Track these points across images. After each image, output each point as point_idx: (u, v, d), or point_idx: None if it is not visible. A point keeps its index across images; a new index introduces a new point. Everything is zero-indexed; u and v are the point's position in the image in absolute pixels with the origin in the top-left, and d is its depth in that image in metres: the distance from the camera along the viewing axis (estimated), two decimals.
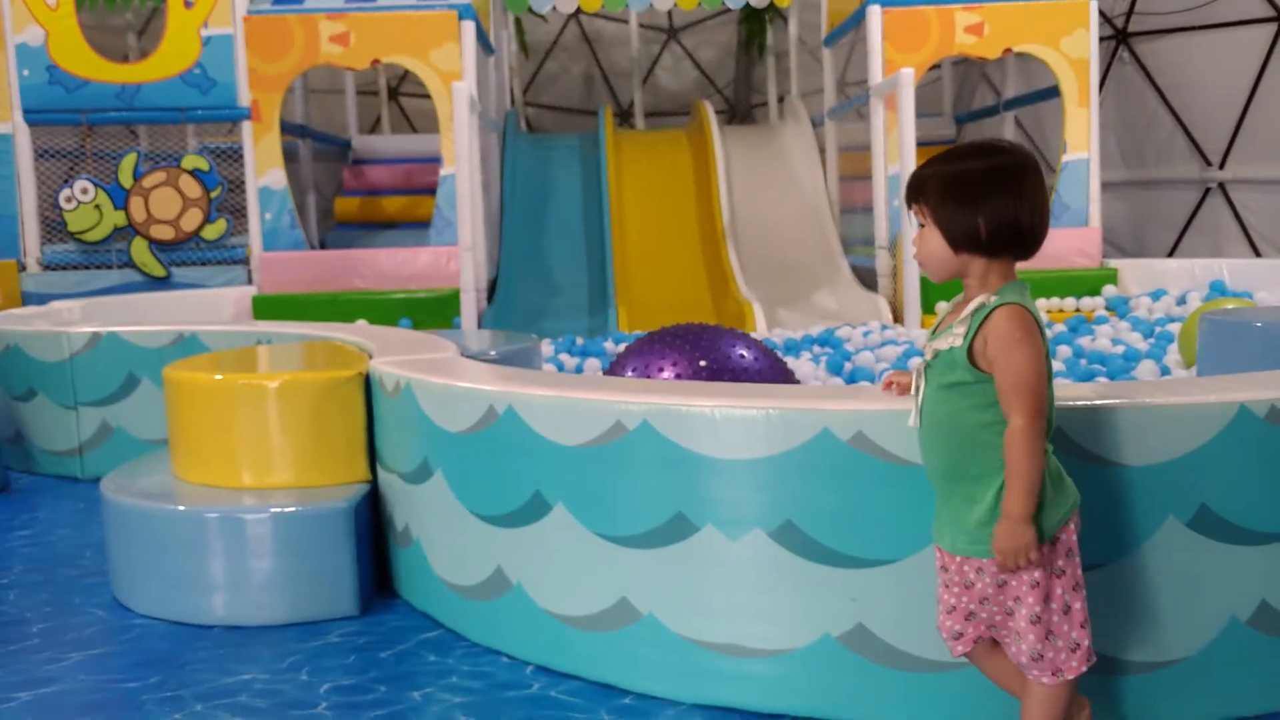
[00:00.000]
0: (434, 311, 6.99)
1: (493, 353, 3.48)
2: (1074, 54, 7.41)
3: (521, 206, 8.72)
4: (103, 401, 4.14)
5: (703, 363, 2.41)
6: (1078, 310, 6.99)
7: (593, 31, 12.96)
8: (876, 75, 7.30)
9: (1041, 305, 6.88)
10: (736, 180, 8.40)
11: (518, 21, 11.59)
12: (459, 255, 6.81)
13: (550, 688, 2.14)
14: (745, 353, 2.57)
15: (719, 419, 1.94)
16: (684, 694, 2.04)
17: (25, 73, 7.09)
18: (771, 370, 2.60)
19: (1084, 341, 5.41)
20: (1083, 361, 4.98)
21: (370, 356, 3.02)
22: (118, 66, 7.29)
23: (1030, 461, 1.57)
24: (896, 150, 6.85)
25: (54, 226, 7.27)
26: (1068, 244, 7.30)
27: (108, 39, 9.05)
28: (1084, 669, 1.63)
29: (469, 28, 7.19)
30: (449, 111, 7.06)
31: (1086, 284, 7.22)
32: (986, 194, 1.62)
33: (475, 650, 2.37)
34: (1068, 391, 1.89)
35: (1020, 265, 1.69)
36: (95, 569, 3.02)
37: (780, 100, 10.90)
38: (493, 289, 7.79)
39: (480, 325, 6.95)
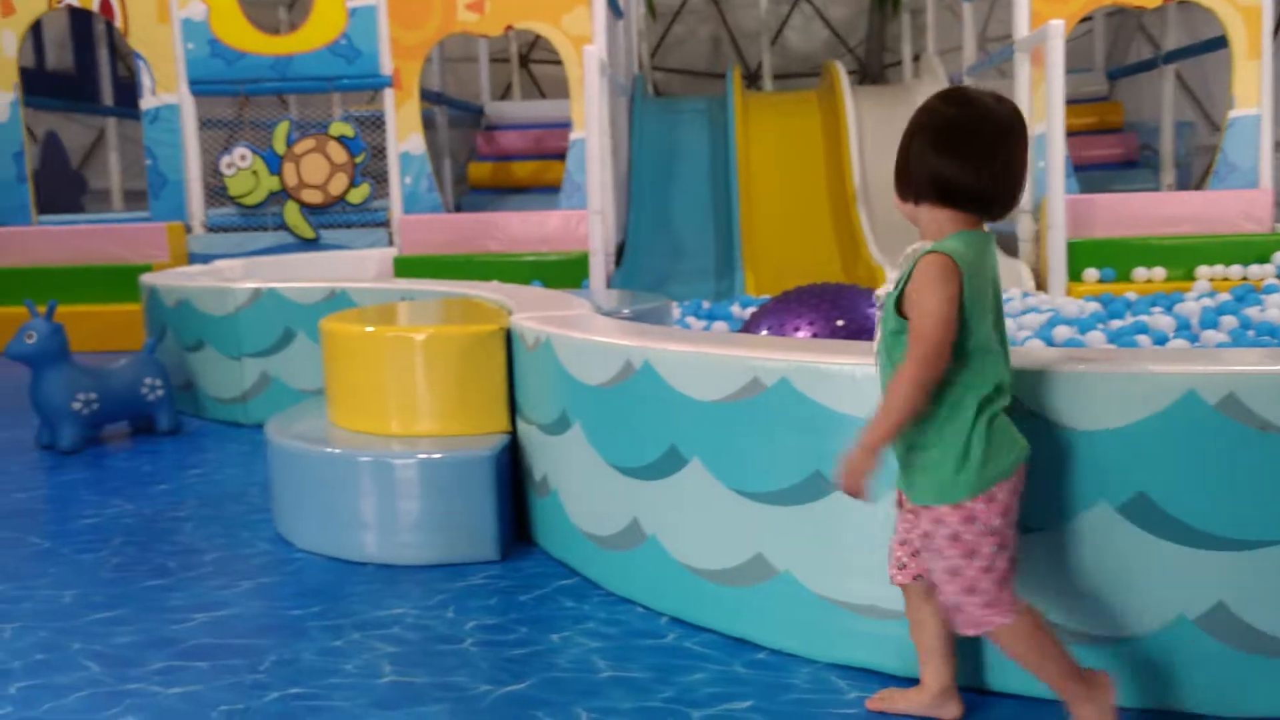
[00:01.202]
0: (563, 274, 7.12)
1: (626, 311, 3.55)
2: (1244, 0, 6.93)
3: (649, 170, 8.77)
4: (263, 353, 4.41)
5: (840, 322, 2.41)
6: (1244, 279, 6.50)
7: None
8: (1022, 29, 7.00)
9: (1204, 273, 6.47)
10: (868, 142, 8.22)
11: None
12: (588, 219, 6.91)
13: (685, 639, 2.20)
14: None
15: (860, 378, 1.95)
16: (819, 652, 2.06)
17: (190, 46, 7.51)
18: None
19: (1252, 312, 5.01)
20: (1250, 333, 4.65)
21: (510, 313, 3.14)
22: (272, 39, 7.65)
23: (903, 405, 1.61)
24: (1042, 109, 6.58)
25: (215, 191, 7.71)
26: (1234, 207, 6.84)
27: (261, 13, 9.46)
28: (1007, 620, 1.65)
29: None
30: (579, 76, 7.14)
31: (1255, 250, 6.71)
32: (937, 147, 1.64)
33: (611, 599, 2.45)
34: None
35: (1185, 229, 1.66)
36: (259, 506, 3.25)
37: (915, 59, 10.59)
38: (620, 252, 7.88)
39: (608, 287, 7.05)
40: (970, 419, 1.64)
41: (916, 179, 1.69)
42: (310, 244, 7.50)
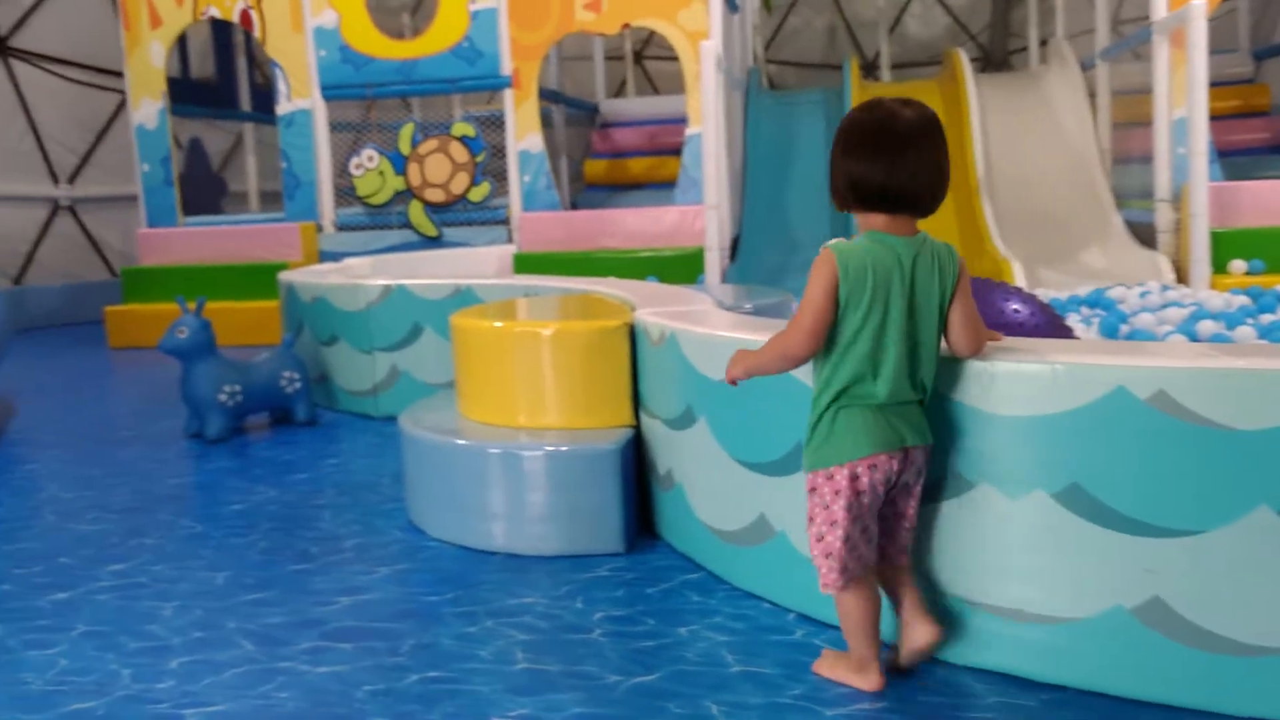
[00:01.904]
0: (679, 269, 7.14)
1: (748, 306, 3.54)
2: None
3: (764, 164, 8.71)
4: (393, 347, 4.56)
5: None
6: None
7: None
8: (1161, 9, 6.68)
9: None
10: (993, 131, 7.98)
11: None
12: (704, 213, 6.91)
13: (814, 635, 2.19)
14: (1019, 307, 2.47)
15: (998, 374, 1.90)
16: (954, 654, 2.02)
17: (322, 53, 7.82)
18: (1048, 325, 2.49)
19: None
20: None
21: (633, 308, 3.17)
22: (398, 43, 7.90)
23: (766, 361, 1.96)
24: (1182, 92, 6.26)
25: (344, 192, 8.02)
26: None
27: (385, 19, 9.77)
28: (830, 591, 1.90)
29: None
30: (695, 71, 7.15)
31: None
32: (847, 151, 1.85)
33: (737, 594, 2.46)
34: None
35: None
36: (393, 495, 3.37)
37: (1043, 44, 10.21)
38: (735, 246, 7.85)
39: (723, 282, 7.04)
40: (825, 402, 1.89)
41: (835, 184, 1.88)
42: (433, 242, 7.72)
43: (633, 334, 2.97)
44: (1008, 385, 1.89)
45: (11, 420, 4.96)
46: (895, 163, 1.81)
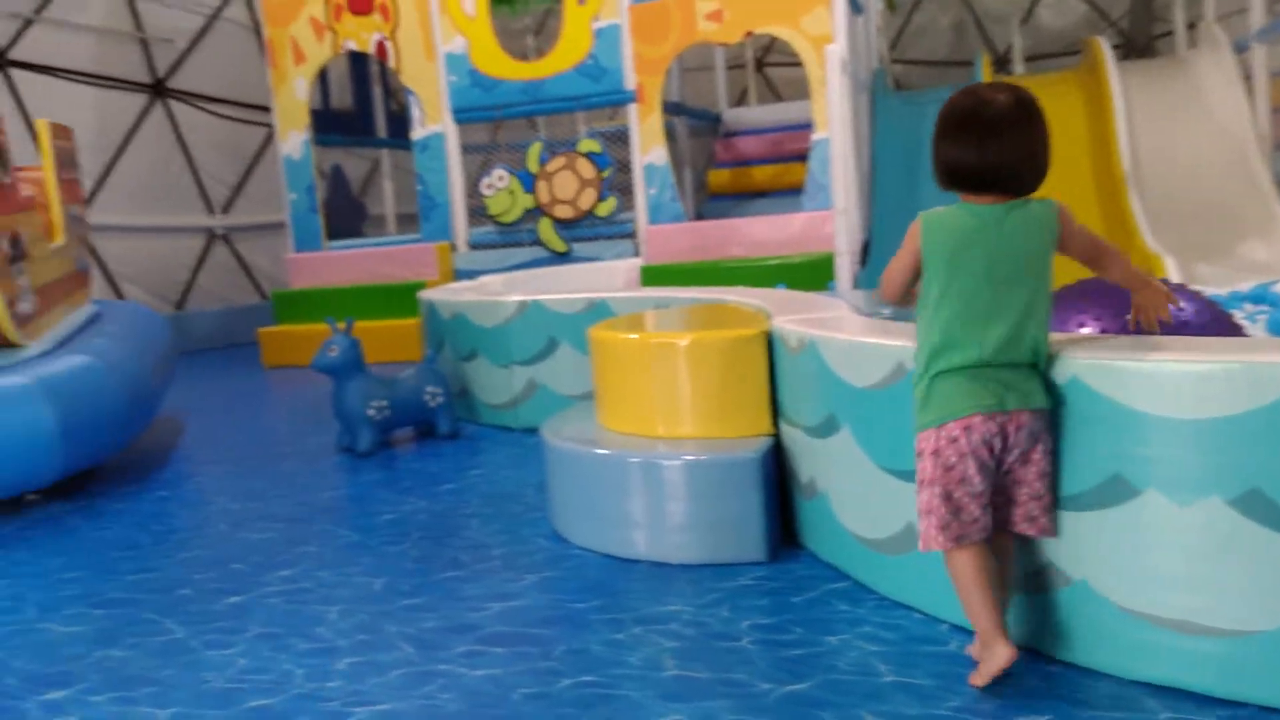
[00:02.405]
0: (808, 276, 7.05)
1: (886, 311, 3.47)
2: None
3: (893, 167, 8.53)
4: (530, 361, 4.67)
5: (1130, 315, 2.25)
6: None
7: None
8: None
9: None
10: (1138, 120, 7.61)
11: None
12: (833, 219, 6.82)
13: (967, 646, 2.13)
14: (1183, 304, 2.36)
15: (1165, 374, 1.82)
16: (1119, 667, 1.94)
17: (453, 78, 8.10)
18: (1216, 323, 2.37)
19: None
20: None
21: (768, 316, 3.16)
22: (524, 64, 8.10)
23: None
24: None
25: (476, 211, 8.27)
26: None
27: (511, 41, 10.04)
28: (931, 548, 1.98)
29: None
30: (820, 76, 7.08)
31: None
32: (941, 135, 1.99)
33: (886, 603, 2.42)
34: None
35: None
36: (536, 505, 3.46)
37: (1190, 27, 9.69)
38: (865, 251, 7.72)
39: (855, 288, 6.93)
40: (922, 366, 2.01)
41: (934, 166, 2.01)
42: (562, 257, 7.87)
43: (769, 342, 2.96)
44: (1176, 387, 1.81)
45: (180, 437, 5.30)
46: (984, 146, 1.91)
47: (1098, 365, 1.92)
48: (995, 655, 1.90)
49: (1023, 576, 2.08)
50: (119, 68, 9.55)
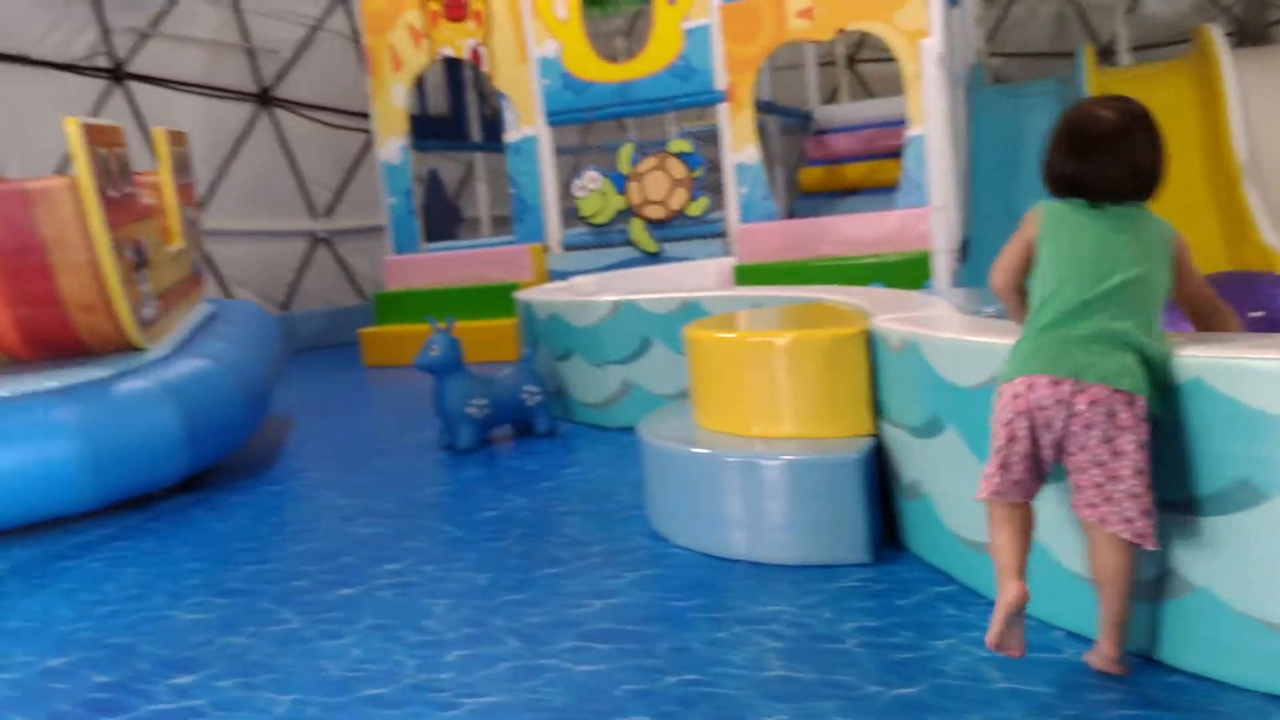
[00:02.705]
0: (904, 274, 6.94)
1: (989, 310, 3.40)
2: None
3: (992, 162, 8.34)
4: (623, 360, 4.71)
5: (1258, 313, 2.16)
6: None
7: None
8: None
9: None
10: (1254, 110, 7.28)
11: None
12: (930, 216, 6.71)
13: (1084, 653, 2.08)
14: None
15: None
16: (1243, 678, 1.87)
17: (545, 82, 8.21)
18: None
19: None
20: None
21: (867, 315, 3.13)
22: (615, 66, 8.16)
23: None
24: None
25: (568, 213, 8.36)
26: None
27: (601, 44, 10.13)
28: (980, 495, 2.05)
29: None
30: (914, 72, 6.96)
31: None
32: (1047, 147, 2.10)
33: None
34: None
35: None
36: (632, 503, 3.49)
37: None
38: (964, 249, 7.56)
39: (954, 285, 6.79)
40: (1026, 326, 2.07)
41: (1044, 175, 2.10)
42: (654, 257, 7.90)
43: (870, 341, 2.93)
44: None
45: (289, 434, 5.49)
46: (1088, 161, 2.01)
47: (1220, 365, 1.85)
48: (1004, 591, 1.96)
49: (1141, 583, 2.01)
50: (228, 78, 9.94)
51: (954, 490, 2.52)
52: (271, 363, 5.28)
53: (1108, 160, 2.01)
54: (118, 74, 8.88)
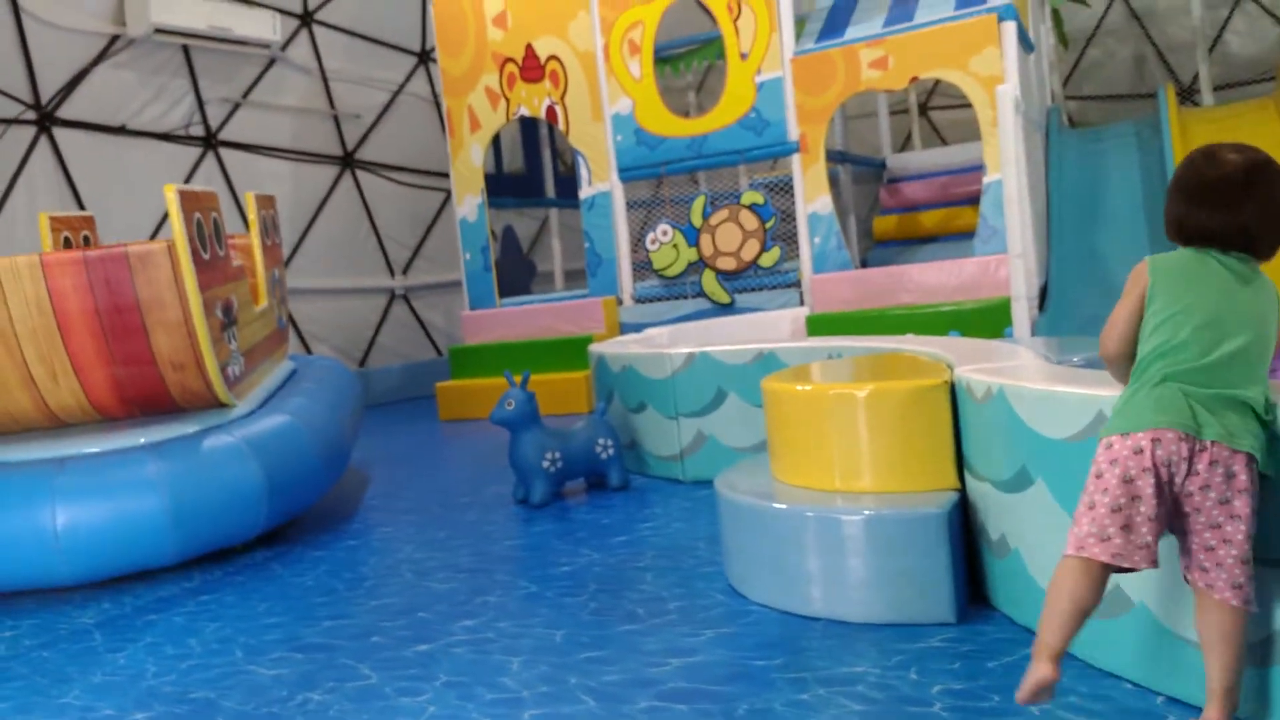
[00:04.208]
0: (982, 322, 6.81)
1: (1076, 359, 3.30)
2: None
3: (1071, 207, 8.17)
4: (698, 413, 4.68)
5: None
6: None
7: (1142, 8, 11.76)
8: None
9: None
10: None
11: (1055, 13, 10.92)
12: (1008, 263, 6.57)
13: None
14: None
15: None
16: None
17: (619, 138, 8.33)
18: None
19: None
20: None
21: (950, 365, 3.05)
22: (687, 121, 8.25)
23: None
24: None
25: (640, 265, 8.42)
26: None
27: (673, 99, 10.28)
28: (1067, 551, 1.90)
29: (1010, 29, 6.95)
30: (990, 117, 6.89)
31: None
32: (1169, 192, 2.02)
33: (1092, 671, 2.26)
34: None
35: None
36: (709, 558, 3.43)
37: None
38: (1042, 296, 7.39)
39: (1033, 334, 6.63)
40: (1134, 376, 1.97)
41: (1166, 220, 2.03)
42: (726, 308, 7.89)
43: (953, 392, 2.86)
44: None
45: (367, 487, 5.56)
46: (1223, 209, 1.93)
47: None
48: (1037, 669, 1.86)
49: (1249, 646, 1.90)
50: (313, 142, 10.31)
51: (1046, 546, 2.41)
52: (351, 417, 5.37)
53: (1244, 209, 1.93)
54: (211, 141, 9.28)
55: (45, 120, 7.91)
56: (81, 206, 8.10)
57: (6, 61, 7.60)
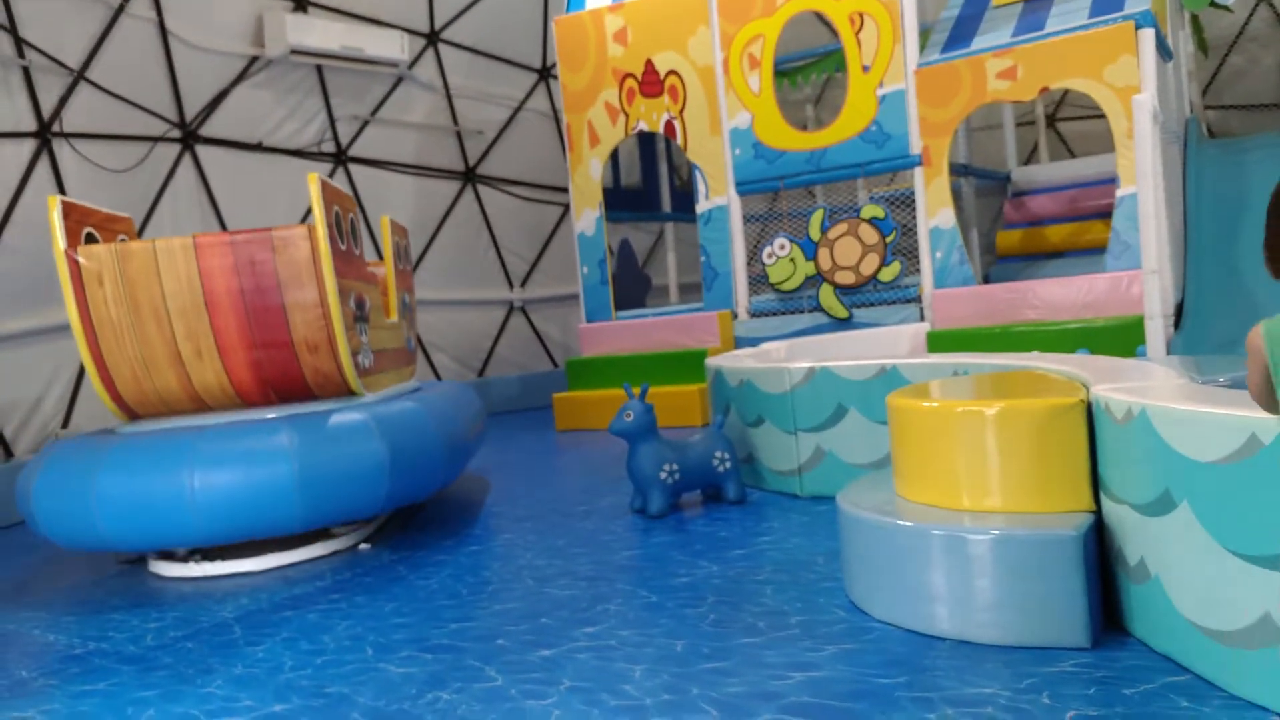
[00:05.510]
0: (1113, 340, 6.57)
1: (1222, 379, 3.15)
2: None
3: (1210, 221, 7.80)
4: (817, 428, 4.64)
5: None
6: None
7: None
8: None
9: None
10: None
11: (1194, 19, 10.45)
12: (1143, 279, 6.31)
13: None
14: None
15: None
16: None
17: (737, 152, 8.35)
18: None
19: None
20: None
21: (1085, 384, 2.96)
22: (806, 135, 8.20)
23: None
24: None
25: (756, 279, 8.40)
26: None
27: (791, 112, 10.22)
28: None
29: (1148, 36, 6.69)
30: (1125, 129, 6.64)
31: None
32: (1270, 216, 1.75)
33: (1237, 702, 2.16)
34: None
35: None
36: (829, 574, 3.40)
37: None
38: (1178, 314, 7.07)
39: (1168, 353, 6.34)
40: None
41: (1266, 251, 1.75)
42: (843, 323, 7.80)
43: (1089, 411, 2.77)
44: None
45: (488, 494, 5.70)
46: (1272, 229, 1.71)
47: None
48: None
49: (1245, 630, 1.79)
50: (437, 158, 10.65)
51: (1189, 572, 2.32)
52: (471, 418, 5.55)
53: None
54: (341, 157, 9.69)
55: (189, 138, 8.40)
56: (221, 220, 8.57)
57: (155, 82, 8.10)
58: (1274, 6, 11.19)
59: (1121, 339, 6.54)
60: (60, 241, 4.28)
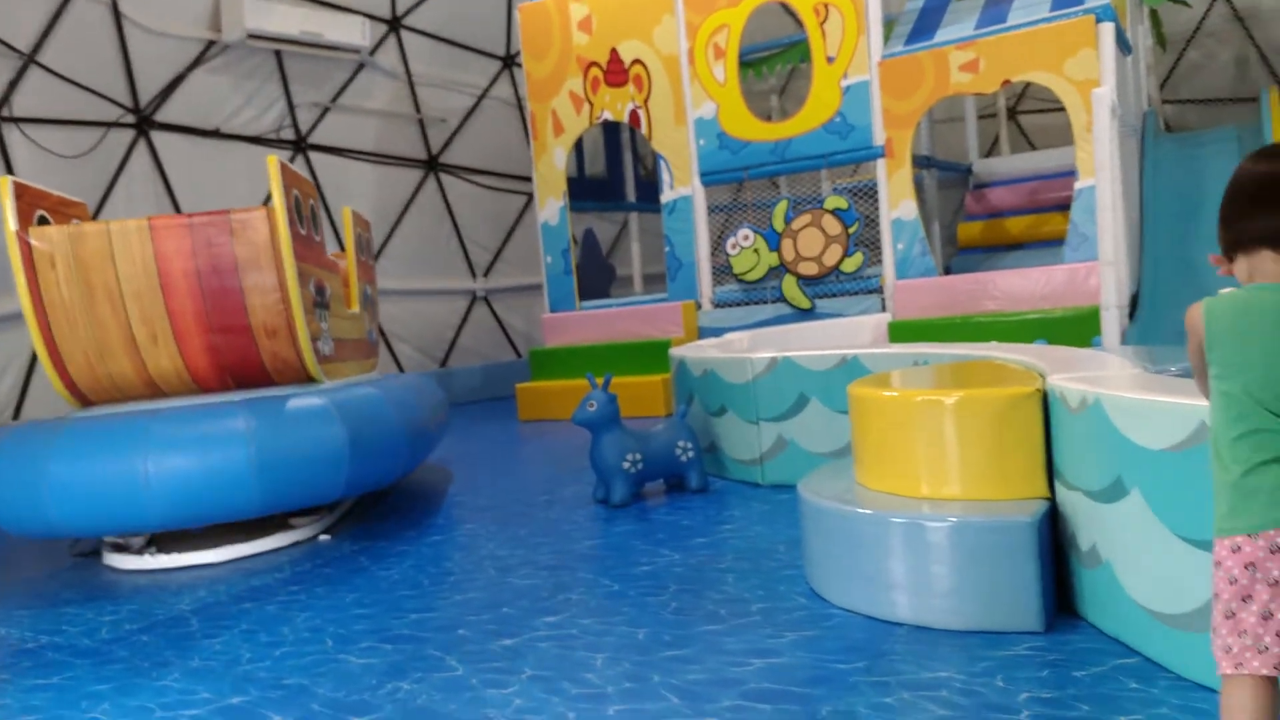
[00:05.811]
0: (1070, 331, 6.67)
1: (1173, 369, 3.21)
2: None
3: (1166, 214, 7.93)
4: (779, 418, 4.67)
5: None
6: None
7: (1245, 8, 11.36)
8: None
9: None
10: None
11: (1153, 13, 10.61)
12: (1099, 270, 6.41)
13: None
14: None
15: None
16: None
17: (701, 142, 8.35)
18: None
19: None
20: None
21: (1041, 374, 3.00)
22: (771, 125, 8.23)
23: None
24: None
25: (720, 270, 8.43)
26: None
27: (756, 103, 10.25)
28: (1224, 671, 1.62)
29: (1108, 30, 6.78)
30: (1084, 122, 6.73)
31: None
32: (1225, 205, 1.78)
33: (1184, 684, 2.20)
34: None
35: None
36: (789, 561, 3.42)
37: None
38: (1133, 304, 7.19)
39: (1123, 343, 6.45)
40: (1226, 461, 1.67)
41: (1221, 238, 1.78)
42: (806, 314, 7.85)
43: (1044, 400, 2.81)
44: None
45: (450, 484, 5.68)
46: (1229, 202, 1.76)
47: None
48: None
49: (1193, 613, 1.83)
50: (399, 146, 10.56)
51: (1139, 558, 2.36)
52: (432, 407, 5.52)
53: (1237, 202, 1.73)
54: (301, 144, 9.57)
55: (143, 123, 8.25)
56: (176, 206, 8.43)
57: (108, 66, 7.95)
58: (1230, 2, 11.39)
59: (1078, 329, 6.65)
60: (11, 223, 4.19)
